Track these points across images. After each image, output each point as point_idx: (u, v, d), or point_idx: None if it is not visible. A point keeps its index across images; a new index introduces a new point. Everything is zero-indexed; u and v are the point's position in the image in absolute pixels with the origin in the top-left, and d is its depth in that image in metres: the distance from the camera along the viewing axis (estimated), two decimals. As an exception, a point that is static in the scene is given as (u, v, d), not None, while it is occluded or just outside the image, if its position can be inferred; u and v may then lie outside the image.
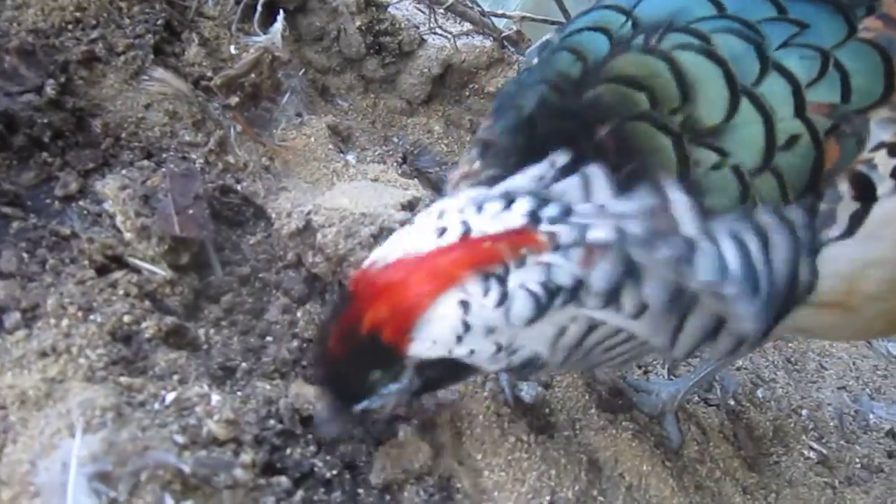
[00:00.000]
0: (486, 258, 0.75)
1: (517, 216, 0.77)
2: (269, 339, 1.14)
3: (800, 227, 0.80)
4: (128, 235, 1.10)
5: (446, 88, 1.82)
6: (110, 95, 1.29)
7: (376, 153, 1.60)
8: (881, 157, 0.81)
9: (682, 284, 0.77)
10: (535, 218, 0.76)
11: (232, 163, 1.34)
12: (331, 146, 1.47)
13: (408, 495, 0.99)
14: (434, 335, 0.77)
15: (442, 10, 1.71)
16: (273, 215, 1.27)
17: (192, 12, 1.45)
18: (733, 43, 0.82)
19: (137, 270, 1.09)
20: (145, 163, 1.25)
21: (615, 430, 1.22)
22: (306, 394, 1.00)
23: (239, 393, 1.03)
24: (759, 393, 1.56)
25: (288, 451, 0.98)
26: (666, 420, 1.30)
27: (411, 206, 1.26)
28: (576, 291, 0.76)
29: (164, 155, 1.28)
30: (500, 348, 0.80)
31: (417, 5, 1.80)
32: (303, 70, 1.61)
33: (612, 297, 0.77)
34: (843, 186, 0.81)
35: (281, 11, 1.40)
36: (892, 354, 1.99)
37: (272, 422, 1.00)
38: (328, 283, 1.22)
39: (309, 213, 1.23)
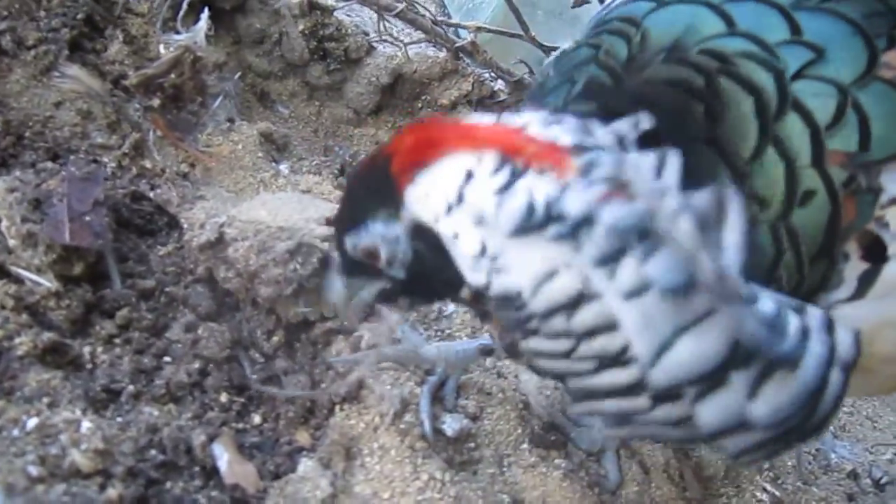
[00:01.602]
0: (516, 148, 0.72)
1: (567, 138, 0.72)
2: (166, 359, 1.05)
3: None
4: (12, 242, 1.01)
5: (397, 99, 1.73)
6: (15, 91, 1.20)
7: (313, 163, 1.51)
8: (894, 214, 0.73)
9: (698, 276, 0.66)
10: (580, 150, 0.71)
11: (147, 168, 1.25)
12: (261, 154, 1.38)
13: (300, 538, 0.89)
14: (430, 188, 0.73)
15: (391, 17, 1.62)
16: (186, 225, 1.18)
17: (119, 8, 1.37)
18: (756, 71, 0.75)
19: (19, 281, 0.99)
20: (49, 164, 1.16)
21: (546, 468, 1.13)
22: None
23: (119, 419, 0.93)
24: (713, 429, 1.46)
25: (167, 484, 0.89)
26: (605, 457, 1.20)
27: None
28: (577, 229, 0.68)
29: (73, 157, 1.19)
30: (483, 251, 0.72)
31: (363, 9, 1.71)
32: (239, 73, 1.52)
33: (611, 256, 0.68)
34: (850, 246, 0.74)
35: (206, 9, 1.31)
36: (860, 390, 1.91)
37: (153, 452, 0.91)
38: (240, 300, 1.14)
39: (223, 224, 1.14)
